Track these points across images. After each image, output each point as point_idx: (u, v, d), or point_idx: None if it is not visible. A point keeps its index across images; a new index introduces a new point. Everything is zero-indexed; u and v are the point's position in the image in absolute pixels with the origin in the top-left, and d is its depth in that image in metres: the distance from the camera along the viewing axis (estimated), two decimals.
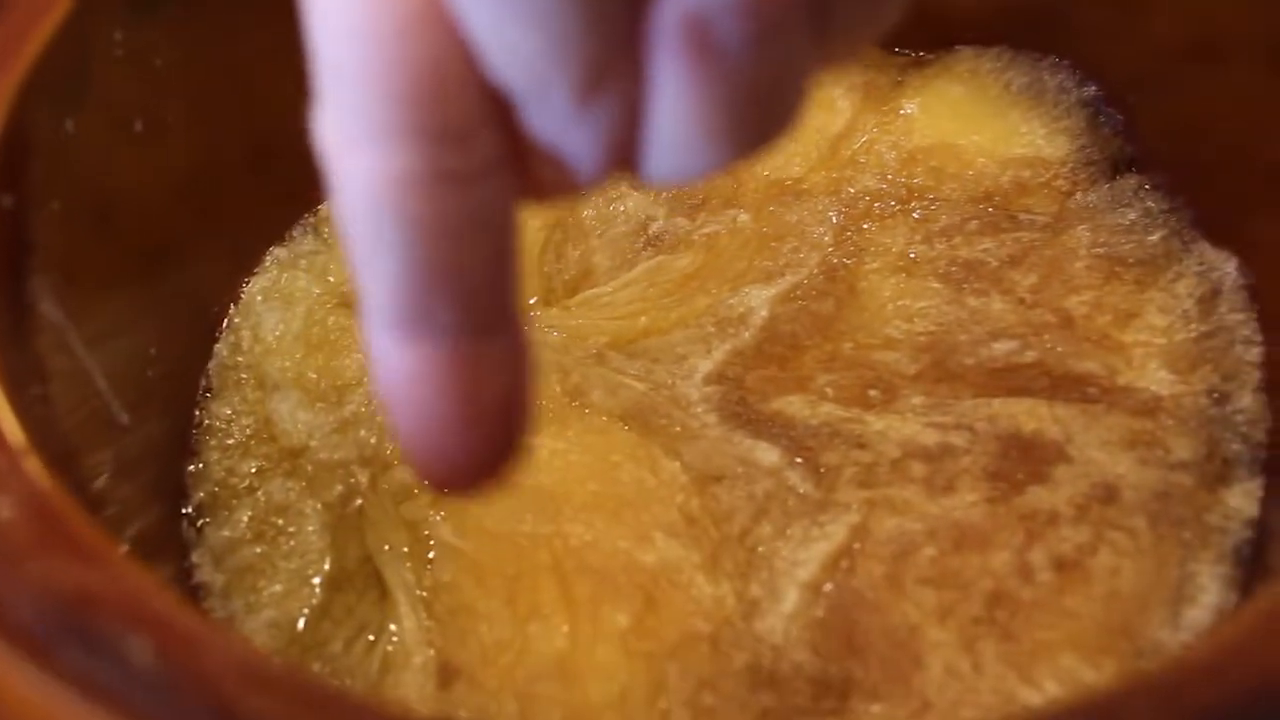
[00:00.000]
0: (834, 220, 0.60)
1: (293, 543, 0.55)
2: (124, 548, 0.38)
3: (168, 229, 0.58)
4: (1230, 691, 0.33)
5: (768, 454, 0.54)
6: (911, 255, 0.59)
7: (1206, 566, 0.50)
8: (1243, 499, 0.51)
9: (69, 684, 0.32)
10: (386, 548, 0.54)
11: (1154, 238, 0.58)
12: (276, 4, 0.56)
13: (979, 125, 0.62)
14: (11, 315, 0.45)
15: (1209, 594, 0.49)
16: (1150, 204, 0.59)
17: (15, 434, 0.39)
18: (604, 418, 0.56)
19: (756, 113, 0.25)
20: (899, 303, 0.58)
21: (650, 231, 0.62)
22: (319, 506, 0.56)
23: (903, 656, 0.48)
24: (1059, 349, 0.55)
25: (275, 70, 0.59)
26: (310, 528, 0.56)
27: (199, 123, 0.58)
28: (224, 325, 0.62)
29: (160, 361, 0.57)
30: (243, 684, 0.33)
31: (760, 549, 0.51)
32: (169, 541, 0.56)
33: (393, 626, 0.52)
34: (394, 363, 0.27)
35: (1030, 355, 0.55)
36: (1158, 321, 0.56)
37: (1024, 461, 0.52)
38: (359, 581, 0.54)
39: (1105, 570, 0.50)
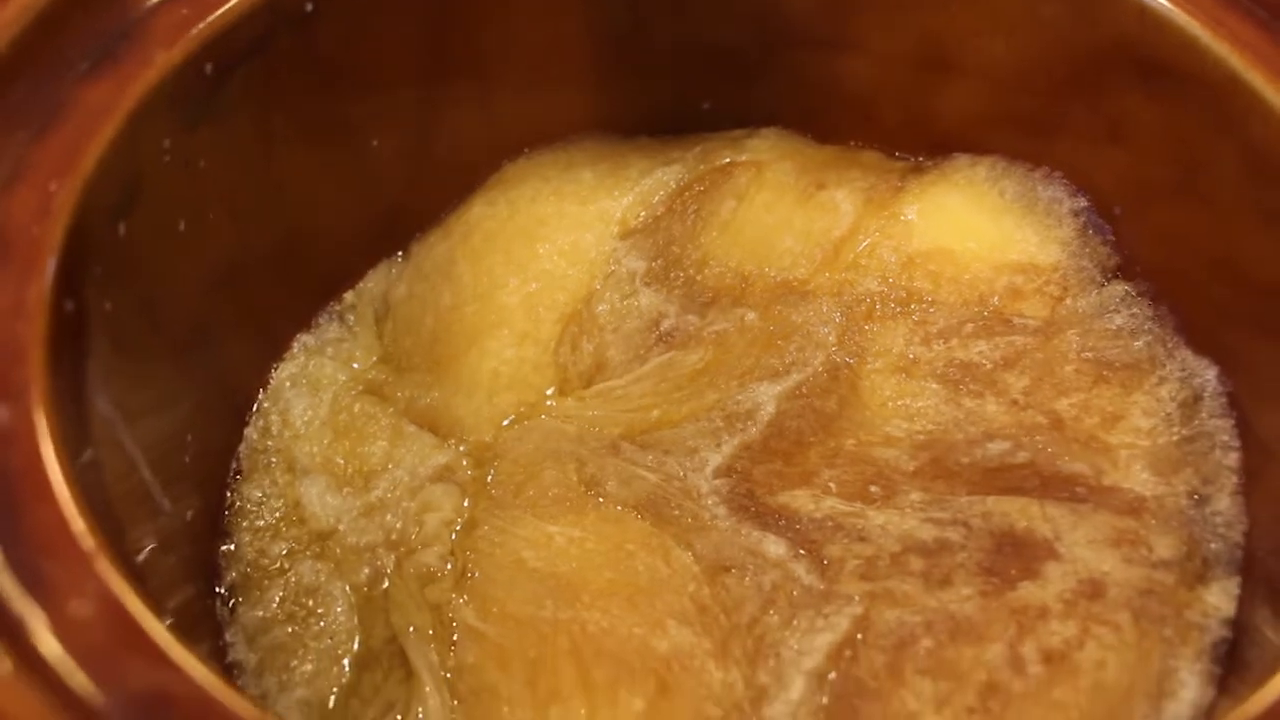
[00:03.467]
0: (837, 321, 0.64)
1: (322, 623, 0.58)
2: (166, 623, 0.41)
3: (203, 319, 0.61)
4: None
5: (775, 546, 0.57)
6: (911, 356, 0.62)
7: (1186, 663, 0.53)
8: (1221, 597, 0.55)
9: None
10: (412, 629, 0.57)
11: (1139, 343, 0.62)
12: (307, 111, 0.60)
13: (975, 232, 0.66)
14: (74, 412, 0.47)
15: (1189, 689, 0.52)
16: (1136, 310, 0.63)
17: (86, 538, 0.42)
18: (619, 507, 0.59)
19: None
20: (899, 402, 0.61)
21: (662, 328, 0.65)
22: (347, 588, 0.59)
23: None
24: (1049, 450, 0.59)
25: (305, 170, 0.63)
26: (339, 609, 0.59)
27: (234, 220, 0.61)
28: (253, 410, 0.65)
29: (195, 445, 0.60)
30: None
31: (768, 638, 0.54)
32: (203, 620, 0.59)
33: (418, 707, 0.55)
34: None
35: (1022, 456, 0.59)
36: (1142, 424, 0.59)
37: (1016, 558, 0.56)
38: (385, 661, 0.57)
39: (1092, 664, 0.53)
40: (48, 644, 0.38)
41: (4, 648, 0.38)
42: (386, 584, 0.59)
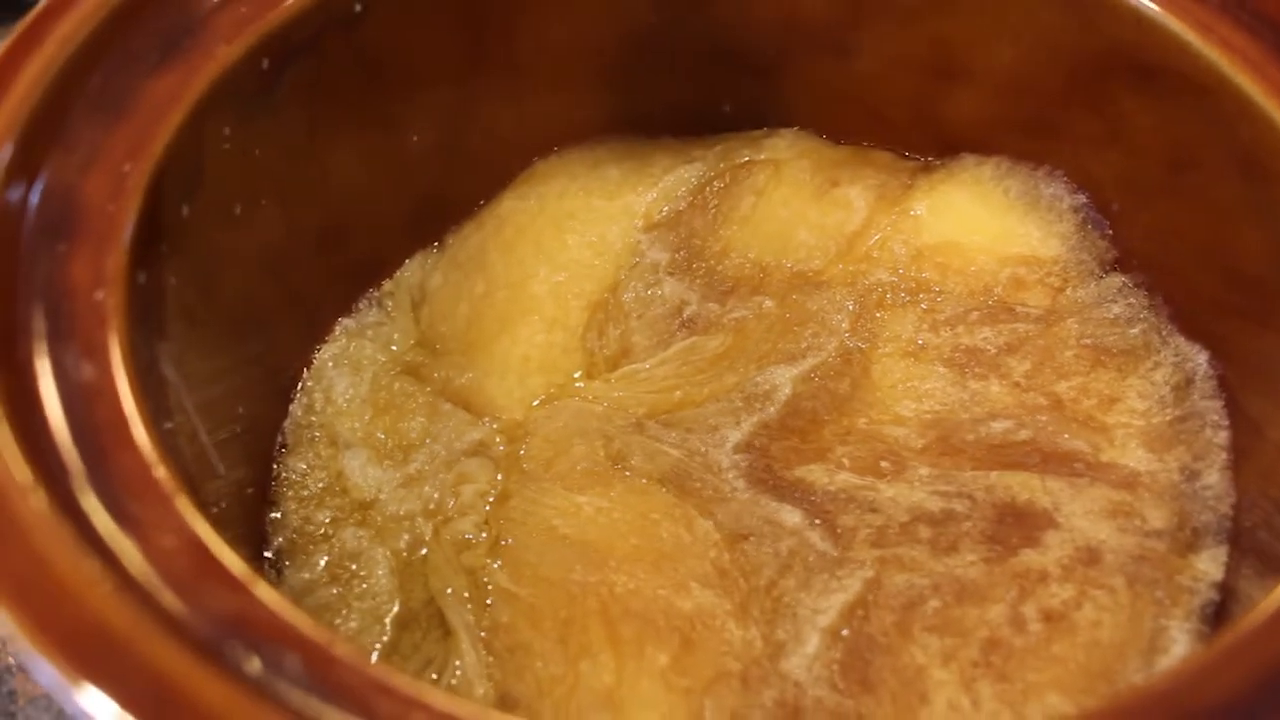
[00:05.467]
0: (850, 309, 0.67)
1: (364, 585, 0.62)
2: None
3: (254, 300, 0.65)
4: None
5: (791, 516, 0.60)
6: (920, 342, 0.66)
7: (1177, 622, 0.57)
8: (1210, 564, 0.58)
9: (248, 690, 0.39)
10: (449, 591, 0.61)
11: (1135, 330, 0.66)
12: (352, 106, 0.64)
13: (981, 227, 0.70)
14: (149, 376, 0.51)
15: (1179, 645, 0.56)
16: (1132, 300, 0.67)
17: (166, 478, 0.45)
18: (644, 480, 0.63)
19: None
20: (908, 384, 0.65)
21: (684, 315, 0.69)
22: (388, 554, 0.63)
23: (911, 694, 0.55)
24: (1050, 428, 0.62)
25: (349, 162, 0.66)
26: (380, 572, 0.62)
27: (284, 206, 0.65)
28: (298, 388, 0.69)
29: (245, 419, 0.64)
30: (373, 689, 0.40)
31: (785, 599, 0.58)
32: None
33: (456, 662, 0.59)
34: None
35: (1024, 434, 0.62)
36: (1137, 405, 0.63)
37: (1018, 527, 0.59)
38: (424, 621, 0.61)
39: (1088, 623, 0.56)
40: (140, 569, 0.42)
41: (105, 571, 0.42)
42: (425, 550, 0.63)
